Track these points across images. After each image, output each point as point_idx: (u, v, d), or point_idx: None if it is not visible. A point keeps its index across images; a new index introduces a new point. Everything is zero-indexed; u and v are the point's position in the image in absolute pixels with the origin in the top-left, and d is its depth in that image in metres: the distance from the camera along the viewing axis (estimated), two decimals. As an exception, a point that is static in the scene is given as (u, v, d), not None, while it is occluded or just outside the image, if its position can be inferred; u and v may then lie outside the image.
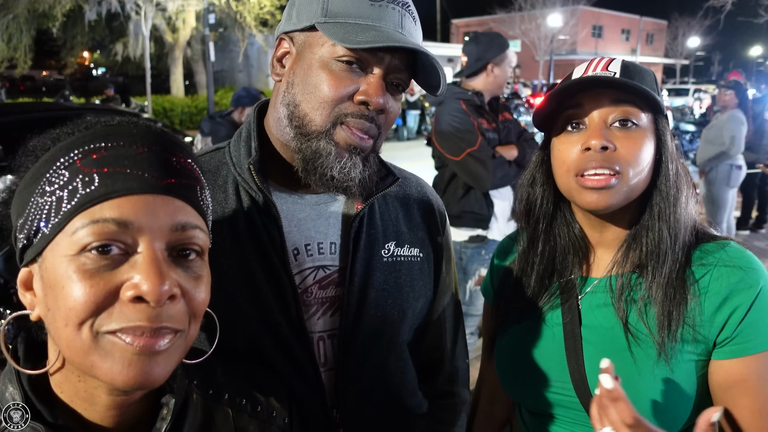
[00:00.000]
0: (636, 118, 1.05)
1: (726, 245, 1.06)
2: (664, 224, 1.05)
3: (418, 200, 1.24)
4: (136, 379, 0.66)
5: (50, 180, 0.68)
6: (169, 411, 0.75)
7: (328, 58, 0.99)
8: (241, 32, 20.52)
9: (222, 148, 1.13)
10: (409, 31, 1.02)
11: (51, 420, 0.69)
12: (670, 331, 1.01)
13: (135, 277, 0.65)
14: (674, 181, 1.07)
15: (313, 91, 1.00)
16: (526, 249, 1.23)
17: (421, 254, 1.19)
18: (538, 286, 1.19)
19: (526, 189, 1.22)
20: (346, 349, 1.08)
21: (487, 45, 3.18)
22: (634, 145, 1.04)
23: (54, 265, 0.66)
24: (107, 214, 0.65)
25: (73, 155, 0.68)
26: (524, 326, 1.20)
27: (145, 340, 0.66)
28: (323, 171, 1.01)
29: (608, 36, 51.23)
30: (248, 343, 1.01)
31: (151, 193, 0.68)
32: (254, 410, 0.89)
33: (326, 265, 1.09)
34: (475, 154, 2.98)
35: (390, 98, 1.04)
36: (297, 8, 1.04)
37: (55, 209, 0.67)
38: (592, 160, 1.03)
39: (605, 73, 1.06)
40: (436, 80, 1.04)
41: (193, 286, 0.71)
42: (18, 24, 17.95)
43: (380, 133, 1.05)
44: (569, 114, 1.09)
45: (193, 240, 0.71)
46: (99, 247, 0.65)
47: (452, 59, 31.34)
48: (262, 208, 1.04)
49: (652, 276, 1.05)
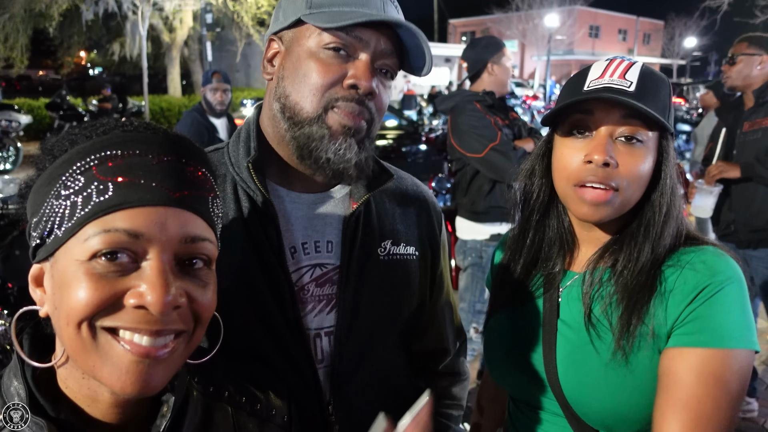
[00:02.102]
0: (642, 135, 1.05)
1: (702, 249, 1.05)
2: (647, 240, 1.06)
3: (414, 199, 1.25)
4: (134, 386, 0.67)
5: (65, 184, 0.69)
6: (169, 408, 0.76)
7: (315, 47, 1.01)
8: (238, 32, 20.49)
9: (221, 149, 1.14)
10: (391, 14, 1.03)
11: (53, 415, 0.70)
12: (629, 328, 1.02)
13: (141, 286, 0.67)
14: (669, 196, 1.08)
15: (302, 80, 1.02)
16: (516, 236, 1.25)
17: (417, 252, 1.21)
18: (523, 274, 1.22)
19: (524, 179, 1.23)
20: (342, 347, 1.09)
21: (483, 46, 3.29)
22: (635, 162, 1.04)
23: (65, 267, 0.68)
24: (119, 224, 0.67)
25: (90, 161, 0.69)
26: (509, 314, 1.23)
27: (144, 347, 0.67)
28: (318, 154, 1.02)
29: (605, 36, 51.33)
30: (245, 340, 1.02)
31: (164, 205, 0.69)
32: (253, 408, 0.90)
33: (323, 263, 1.10)
34: (498, 147, 3.05)
35: (379, 84, 1.05)
36: (283, 8, 1.07)
37: (69, 214, 0.68)
38: (593, 175, 1.04)
39: (621, 82, 1.05)
40: (421, 60, 1.05)
41: (200, 292, 0.72)
42: (14, 23, 17.88)
43: (373, 119, 1.06)
44: (577, 118, 1.09)
45: (201, 251, 0.73)
46: (108, 254, 0.67)
47: (450, 59, 31.36)
48: (259, 207, 1.05)
49: (622, 276, 1.06)
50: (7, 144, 10.87)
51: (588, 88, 1.07)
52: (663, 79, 1.09)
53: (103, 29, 21.73)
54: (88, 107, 13.99)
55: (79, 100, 15.43)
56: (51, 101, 13.42)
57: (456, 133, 3.22)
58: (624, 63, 1.08)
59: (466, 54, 3.36)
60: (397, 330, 1.17)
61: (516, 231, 1.26)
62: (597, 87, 1.05)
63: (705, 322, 0.97)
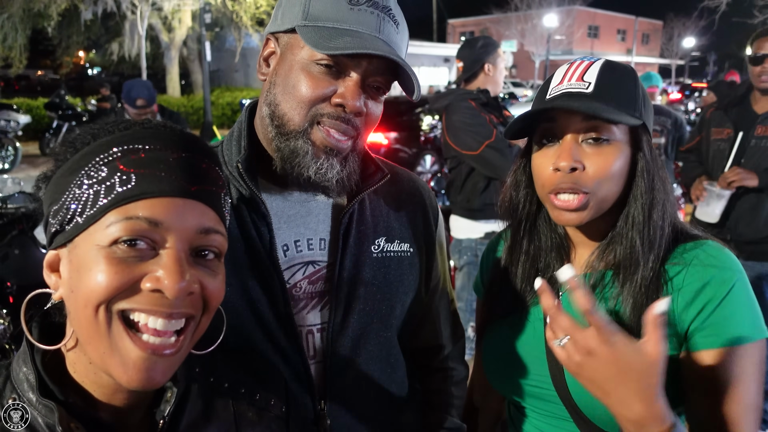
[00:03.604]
0: (608, 134, 1.05)
1: (703, 244, 1.07)
2: (636, 233, 1.06)
3: (409, 195, 1.26)
4: (139, 381, 0.71)
5: (89, 173, 0.73)
6: (173, 394, 0.81)
7: (307, 60, 1.02)
8: (237, 32, 20.49)
9: (216, 148, 1.15)
10: (388, 35, 1.03)
11: (62, 398, 0.74)
12: (638, 329, 1.01)
13: (158, 272, 0.71)
14: (649, 189, 1.07)
15: (292, 92, 1.03)
16: (510, 246, 1.25)
17: (412, 249, 1.21)
18: (523, 282, 1.21)
19: (509, 191, 1.23)
20: (335, 343, 1.10)
21: (481, 47, 3.30)
22: (604, 162, 1.04)
23: (85, 252, 0.71)
24: (140, 212, 0.71)
25: (113, 153, 0.74)
26: (508, 321, 1.22)
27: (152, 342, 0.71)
28: (300, 171, 1.04)
29: (604, 36, 51.42)
30: (238, 336, 1.04)
31: (182, 196, 0.73)
32: (252, 398, 0.93)
33: (316, 260, 1.11)
34: (493, 145, 3.07)
35: (369, 101, 1.05)
36: (282, 10, 1.07)
37: (91, 202, 0.72)
38: (562, 183, 1.05)
39: (579, 84, 1.05)
40: (411, 86, 1.05)
41: (211, 280, 0.77)
42: (13, 23, 17.87)
43: (359, 135, 1.07)
44: (544, 127, 1.10)
45: (213, 243, 0.77)
46: (129, 240, 0.70)
47: (448, 59, 31.38)
48: (251, 206, 1.07)
49: (625, 279, 1.07)
50: (5, 144, 10.86)
51: (549, 96, 1.08)
52: (627, 72, 1.09)
53: (102, 29, 21.70)
54: (87, 107, 13.97)
55: (77, 100, 15.42)
56: (49, 101, 13.40)
57: (451, 131, 3.23)
58: (583, 64, 1.08)
59: (463, 54, 3.36)
60: (390, 326, 1.18)
61: (509, 242, 1.25)
62: (556, 94, 1.06)
63: (724, 324, 0.99)
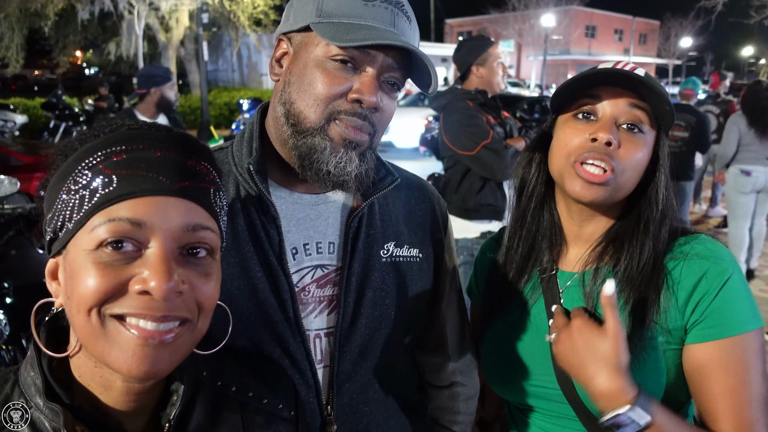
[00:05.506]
0: (643, 127, 1.09)
1: (697, 238, 1.09)
2: (648, 237, 1.08)
3: (419, 200, 1.25)
4: (141, 369, 0.70)
5: (75, 179, 0.73)
6: (179, 397, 0.80)
7: (322, 57, 1.00)
8: (234, 32, 20.48)
9: (225, 148, 1.14)
10: (402, 30, 1.03)
11: (68, 402, 0.73)
12: (640, 325, 1.04)
13: (144, 273, 0.70)
14: (664, 192, 1.11)
15: (308, 89, 1.01)
16: (512, 228, 1.25)
17: (421, 254, 1.20)
18: (519, 271, 1.22)
19: (522, 168, 1.24)
20: (342, 347, 1.09)
21: (467, 50, 3.31)
22: (635, 149, 1.08)
23: (74, 257, 0.72)
24: (123, 213, 0.70)
25: (96, 156, 0.74)
26: (507, 321, 1.22)
27: (149, 331, 0.70)
28: (319, 166, 1.02)
29: (601, 36, 51.48)
30: (246, 339, 1.03)
31: (165, 195, 0.72)
32: (260, 403, 0.93)
33: (324, 264, 1.10)
34: (489, 146, 3.08)
35: (385, 96, 1.04)
36: (294, 9, 1.06)
37: (77, 207, 0.72)
38: (594, 151, 1.07)
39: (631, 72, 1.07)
40: (427, 79, 1.05)
41: (202, 281, 0.75)
42: (10, 23, 17.82)
43: (375, 131, 1.06)
44: (584, 102, 1.11)
45: (203, 240, 0.76)
46: (114, 242, 0.70)
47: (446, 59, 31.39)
48: (261, 208, 1.06)
49: (627, 274, 1.08)
50: (2, 144, 10.82)
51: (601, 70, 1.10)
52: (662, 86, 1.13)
53: (99, 29, 21.66)
54: (84, 107, 13.95)
55: (74, 100, 15.41)
56: (47, 101, 13.39)
57: (448, 131, 3.24)
58: (631, 64, 1.11)
59: (455, 56, 3.40)
60: (399, 332, 1.16)
61: (511, 224, 1.26)
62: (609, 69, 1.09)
63: (722, 315, 1.01)
